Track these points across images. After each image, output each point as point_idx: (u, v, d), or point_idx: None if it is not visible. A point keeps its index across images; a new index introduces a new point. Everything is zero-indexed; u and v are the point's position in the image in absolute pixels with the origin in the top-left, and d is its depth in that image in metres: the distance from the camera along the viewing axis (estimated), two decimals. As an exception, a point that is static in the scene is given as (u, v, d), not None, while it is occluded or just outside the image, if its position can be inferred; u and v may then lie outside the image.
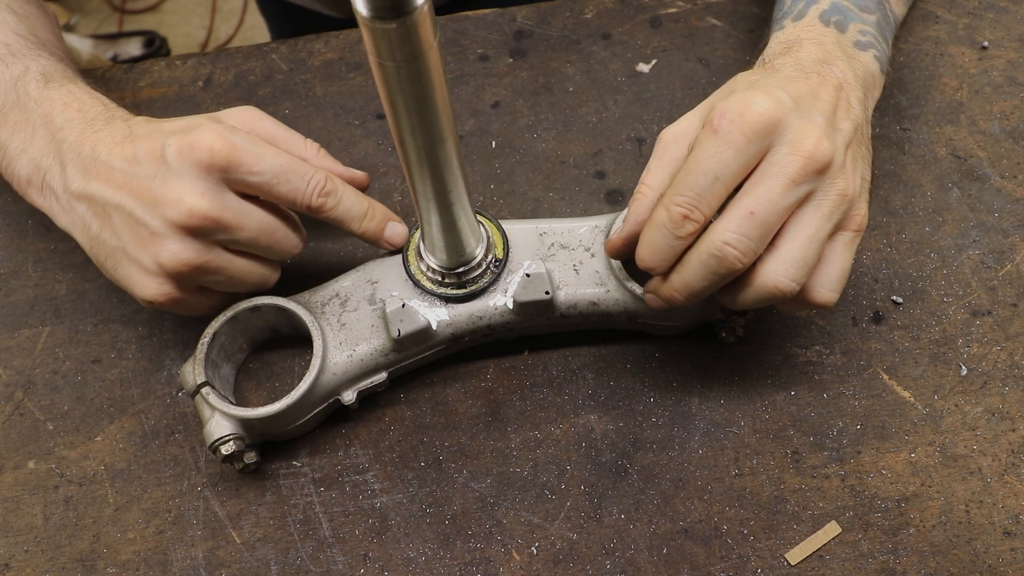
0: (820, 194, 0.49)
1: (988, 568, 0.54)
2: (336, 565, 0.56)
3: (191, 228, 0.51)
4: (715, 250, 0.47)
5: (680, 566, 0.55)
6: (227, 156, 0.51)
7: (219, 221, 0.51)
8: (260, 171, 0.52)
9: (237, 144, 0.51)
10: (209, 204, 0.51)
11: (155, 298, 0.54)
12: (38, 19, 0.66)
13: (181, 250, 0.51)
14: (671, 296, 0.51)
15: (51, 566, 0.57)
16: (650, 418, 0.60)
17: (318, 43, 0.76)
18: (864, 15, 0.59)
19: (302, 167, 0.54)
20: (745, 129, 0.47)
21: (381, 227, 0.58)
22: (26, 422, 0.61)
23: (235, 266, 0.54)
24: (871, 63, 0.57)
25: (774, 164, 0.48)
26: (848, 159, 0.50)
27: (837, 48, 0.55)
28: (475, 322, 0.58)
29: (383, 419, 0.60)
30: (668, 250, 0.49)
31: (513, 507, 0.57)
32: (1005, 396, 0.59)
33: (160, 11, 2.15)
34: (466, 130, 0.71)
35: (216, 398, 0.55)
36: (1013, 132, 0.69)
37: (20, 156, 0.57)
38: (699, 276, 0.49)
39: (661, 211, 0.49)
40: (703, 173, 0.47)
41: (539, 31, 0.76)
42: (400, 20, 0.38)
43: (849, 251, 0.51)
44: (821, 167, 0.48)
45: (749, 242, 0.47)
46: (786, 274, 0.48)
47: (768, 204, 0.47)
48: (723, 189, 0.48)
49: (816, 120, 0.49)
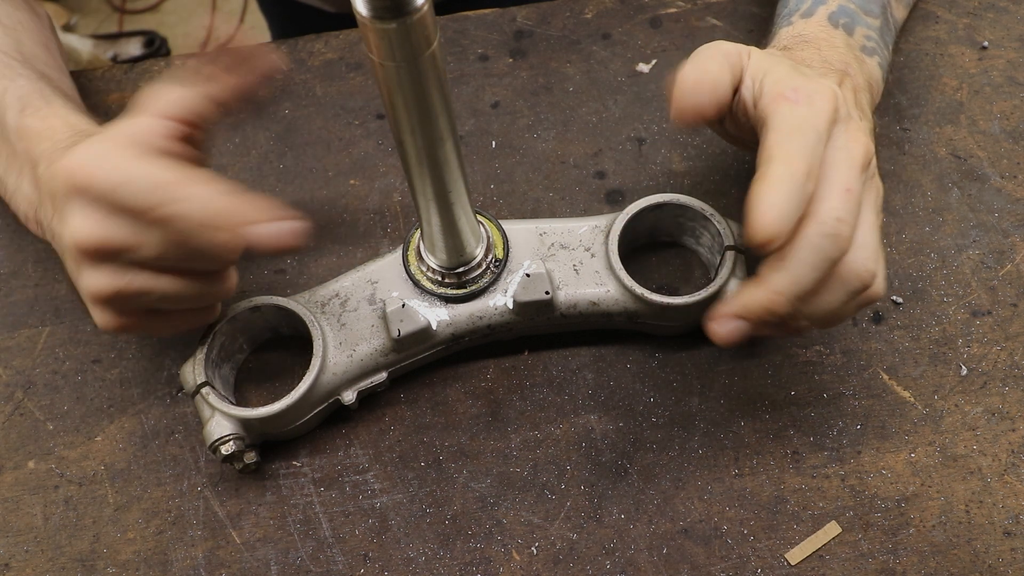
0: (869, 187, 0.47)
1: (988, 568, 0.54)
2: (336, 565, 0.56)
3: (88, 257, 0.47)
4: (829, 229, 0.42)
5: (680, 566, 0.55)
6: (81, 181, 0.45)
7: (107, 245, 0.46)
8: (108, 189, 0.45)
9: (85, 164, 0.45)
10: (86, 233, 0.46)
11: (106, 327, 0.50)
12: (25, 29, 0.64)
13: (94, 280, 0.48)
14: (773, 302, 0.44)
15: (51, 566, 0.57)
16: (650, 418, 0.60)
17: (318, 43, 0.76)
18: (869, 19, 0.59)
19: (145, 174, 0.45)
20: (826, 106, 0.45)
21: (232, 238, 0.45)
22: (26, 422, 0.61)
23: (162, 285, 0.48)
24: (875, 69, 0.57)
25: (841, 149, 0.45)
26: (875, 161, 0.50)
27: (848, 51, 0.55)
28: (475, 322, 0.58)
29: (383, 419, 0.60)
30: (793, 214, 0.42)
31: (513, 507, 0.57)
32: (1005, 396, 0.59)
33: (160, 11, 2.15)
34: (466, 130, 0.71)
35: (216, 398, 0.55)
36: (1013, 132, 0.69)
37: (16, 193, 0.56)
38: (810, 265, 0.43)
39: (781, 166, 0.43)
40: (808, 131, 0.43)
41: (539, 31, 0.76)
42: (400, 20, 0.38)
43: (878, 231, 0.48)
44: (869, 162, 0.47)
45: (853, 220, 0.43)
46: (873, 260, 0.45)
47: (857, 184, 0.44)
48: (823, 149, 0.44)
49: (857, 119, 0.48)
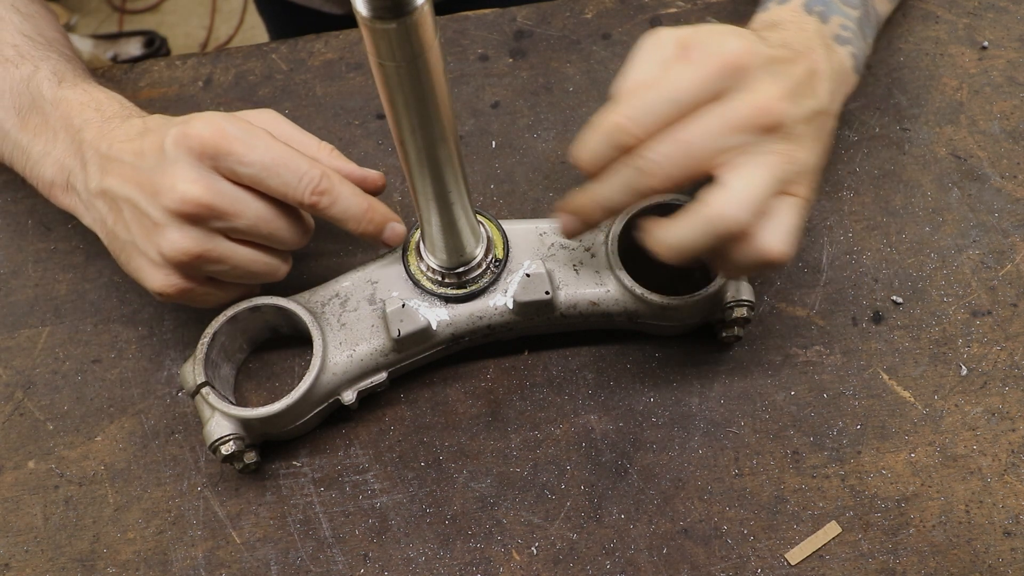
0: (764, 148, 0.48)
1: (988, 568, 0.54)
2: (336, 565, 0.56)
3: (187, 215, 0.51)
4: (640, 163, 0.47)
5: (680, 566, 0.55)
6: (216, 143, 0.50)
7: (213, 207, 0.51)
8: (250, 161, 0.51)
9: (228, 132, 0.51)
10: (201, 190, 0.50)
11: (164, 289, 0.53)
12: (43, 18, 0.66)
13: (180, 239, 0.51)
14: (582, 205, 0.50)
15: (51, 566, 0.57)
16: (650, 418, 0.60)
17: (318, 43, 0.76)
18: (847, 9, 0.59)
19: (297, 161, 0.52)
20: (716, 62, 0.47)
21: (380, 228, 0.56)
22: (26, 422, 0.61)
23: (239, 255, 0.54)
24: (847, 59, 0.57)
25: (725, 104, 0.47)
26: (803, 134, 0.50)
27: (817, 37, 0.56)
28: (475, 322, 0.58)
29: (383, 419, 0.60)
30: (601, 155, 0.48)
31: (513, 507, 0.57)
32: (1005, 396, 0.59)
33: (160, 11, 2.15)
34: (466, 130, 0.71)
35: (216, 398, 0.55)
36: (1013, 132, 0.69)
37: (44, 159, 0.58)
38: (615, 188, 0.48)
39: (610, 115, 0.48)
40: (659, 92, 0.47)
41: (539, 31, 0.76)
42: (400, 20, 0.38)
43: (797, 213, 0.50)
44: (770, 125, 0.48)
45: (672, 166, 0.47)
46: (737, 202, 0.47)
47: (704, 136, 0.47)
48: (673, 112, 0.47)
49: (783, 83, 0.49)
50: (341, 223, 0.55)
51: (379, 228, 0.56)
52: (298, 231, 0.55)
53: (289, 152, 0.52)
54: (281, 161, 0.52)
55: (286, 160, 0.52)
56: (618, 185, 0.49)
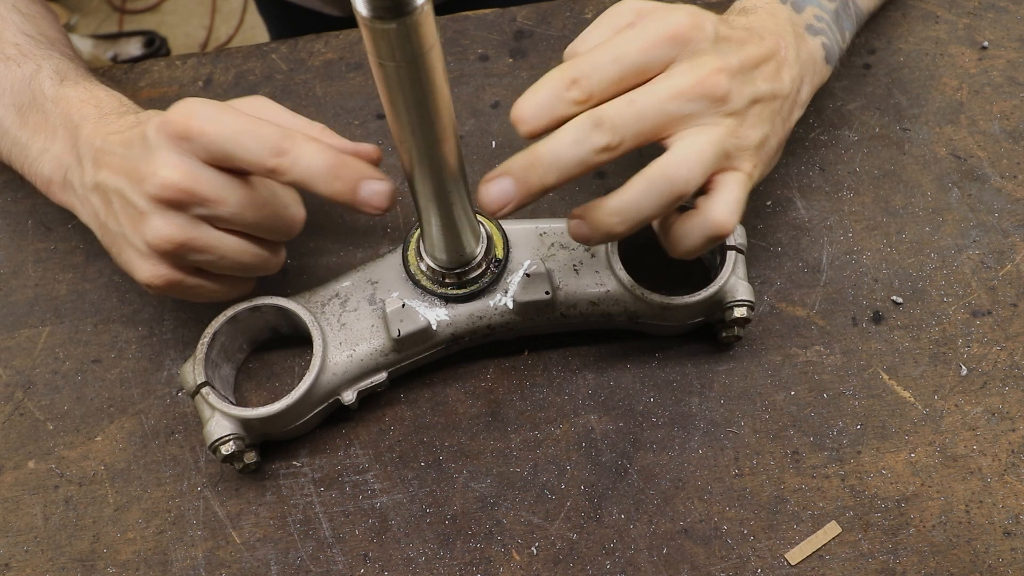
0: (708, 120, 0.49)
1: (988, 568, 0.54)
2: (336, 565, 0.56)
3: (168, 201, 0.50)
4: (593, 119, 0.46)
5: (680, 566, 0.55)
6: (187, 125, 0.49)
7: (192, 192, 0.49)
8: (216, 135, 0.49)
9: (198, 112, 0.49)
10: (180, 175, 0.49)
11: (151, 280, 0.53)
12: (44, 18, 0.66)
13: (164, 226, 0.50)
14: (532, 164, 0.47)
15: (51, 566, 0.57)
16: (650, 418, 0.60)
17: (318, 43, 0.76)
18: (823, 2, 0.59)
19: (261, 128, 0.49)
20: (660, 31, 0.48)
21: (351, 185, 0.50)
22: (26, 422, 0.61)
23: (225, 245, 0.52)
24: (817, 50, 0.58)
25: (670, 74, 0.49)
26: (750, 111, 0.51)
27: (788, 25, 0.56)
28: (475, 322, 0.58)
29: (383, 419, 0.60)
30: (547, 108, 0.47)
31: (513, 507, 0.57)
32: (1005, 396, 0.59)
33: (160, 11, 2.15)
34: (466, 130, 0.71)
35: (216, 398, 0.55)
36: (1013, 132, 0.69)
37: (42, 156, 0.58)
38: (568, 142, 0.47)
39: (555, 71, 0.48)
40: (606, 51, 0.48)
41: (539, 31, 0.76)
42: (400, 20, 0.38)
43: (740, 186, 0.51)
44: (714, 96, 0.49)
45: (623, 126, 0.47)
46: (683, 164, 0.48)
47: (650, 99, 0.48)
48: (617, 72, 0.48)
49: (728, 59, 0.50)
50: (309, 185, 0.50)
51: (350, 185, 0.50)
52: (288, 217, 0.53)
53: (255, 122, 0.50)
54: (245, 130, 0.49)
55: (250, 129, 0.49)
56: (570, 139, 0.47)
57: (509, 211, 0.49)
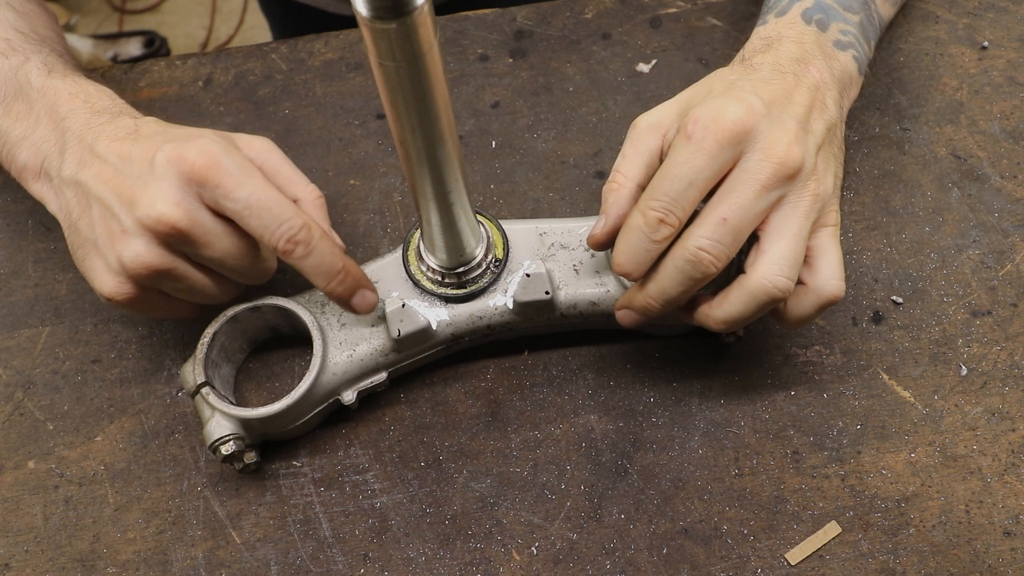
0: (794, 196, 0.50)
1: (988, 568, 0.54)
2: (336, 565, 0.56)
3: (159, 234, 0.50)
4: (690, 255, 0.49)
5: (680, 566, 0.55)
6: (206, 173, 0.50)
7: (186, 234, 0.50)
8: (236, 197, 0.50)
9: (222, 165, 0.50)
10: (181, 215, 0.50)
11: (113, 295, 0.53)
12: (38, 17, 0.66)
13: (145, 252, 0.51)
14: (647, 304, 0.52)
15: (51, 566, 0.57)
16: (650, 418, 0.60)
17: (318, 43, 0.76)
18: (847, 15, 0.59)
19: (281, 207, 0.51)
20: (718, 136, 0.48)
21: (350, 292, 0.54)
22: (26, 422, 0.61)
23: (195, 278, 0.54)
24: (849, 63, 0.58)
25: (746, 171, 0.49)
26: (820, 161, 0.51)
27: (816, 47, 0.56)
28: (475, 322, 0.58)
29: (383, 419, 0.60)
30: (644, 254, 0.50)
31: (513, 507, 0.57)
32: (1005, 396, 0.59)
33: (160, 11, 2.15)
34: (466, 130, 0.71)
35: (216, 398, 0.55)
36: (1013, 132, 0.69)
37: (21, 143, 0.57)
38: (674, 281, 0.50)
39: (637, 216, 0.50)
40: (677, 178, 0.49)
41: (539, 31, 0.76)
42: (400, 20, 0.38)
43: (835, 244, 0.52)
44: (792, 172, 0.49)
45: (722, 247, 0.49)
46: (780, 272, 0.49)
47: (740, 209, 0.49)
48: (696, 194, 0.49)
49: (788, 125, 0.50)
50: (311, 277, 0.53)
51: (349, 291, 0.54)
52: (261, 271, 0.56)
53: (276, 196, 0.51)
54: (266, 203, 0.51)
55: (271, 203, 0.51)
56: (674, 279, 0.50)
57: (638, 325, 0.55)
